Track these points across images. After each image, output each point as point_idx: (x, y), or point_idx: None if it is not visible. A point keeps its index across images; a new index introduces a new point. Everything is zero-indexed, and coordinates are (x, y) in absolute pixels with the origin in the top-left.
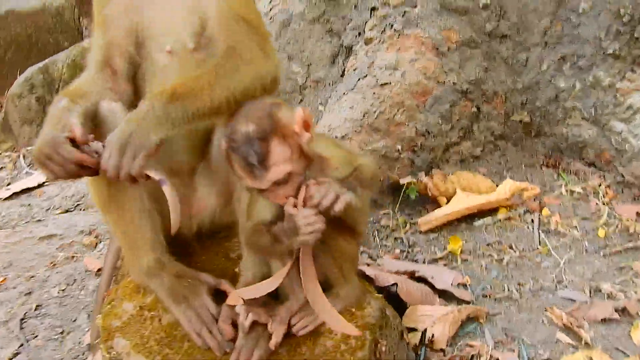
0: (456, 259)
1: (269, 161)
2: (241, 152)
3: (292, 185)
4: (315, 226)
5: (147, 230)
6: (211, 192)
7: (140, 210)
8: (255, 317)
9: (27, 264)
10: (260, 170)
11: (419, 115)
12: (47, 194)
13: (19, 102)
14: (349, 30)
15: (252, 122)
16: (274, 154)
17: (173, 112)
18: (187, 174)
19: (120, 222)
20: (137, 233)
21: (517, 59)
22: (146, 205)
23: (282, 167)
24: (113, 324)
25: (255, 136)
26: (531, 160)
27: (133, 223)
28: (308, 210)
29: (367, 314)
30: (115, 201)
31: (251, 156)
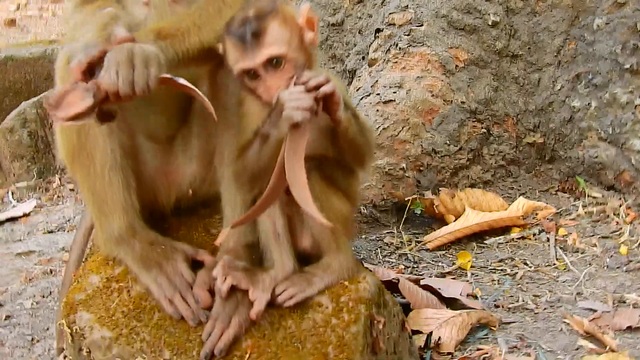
0: (465, 273)
1: (264, 38)
2: (237, 31)
3: (285, 74)
4: (303, 102)
5: (119, 189)
6: (191, 160)
7: (111, 166)
8: (235, 282)
9: (1, 280)
10: (253, 45)
11: (425, 134)
12: (31, 222)
13: (10, 136)
14: (353, 55)
15: (253, 7)
16: (271, 33)
17: (163, 48)
18: (165, 142)
19: (89, 178)
20: (107, 192)
21: (528, 79)
22: (118, 160)
23: (278, 46)
24: (76, 297)
25: (254, 16)
26: (545, 186)
27: (103, 179)
28: (295, 88)
29: (361, 288)
30: (85, 152)
31: (247, 32)
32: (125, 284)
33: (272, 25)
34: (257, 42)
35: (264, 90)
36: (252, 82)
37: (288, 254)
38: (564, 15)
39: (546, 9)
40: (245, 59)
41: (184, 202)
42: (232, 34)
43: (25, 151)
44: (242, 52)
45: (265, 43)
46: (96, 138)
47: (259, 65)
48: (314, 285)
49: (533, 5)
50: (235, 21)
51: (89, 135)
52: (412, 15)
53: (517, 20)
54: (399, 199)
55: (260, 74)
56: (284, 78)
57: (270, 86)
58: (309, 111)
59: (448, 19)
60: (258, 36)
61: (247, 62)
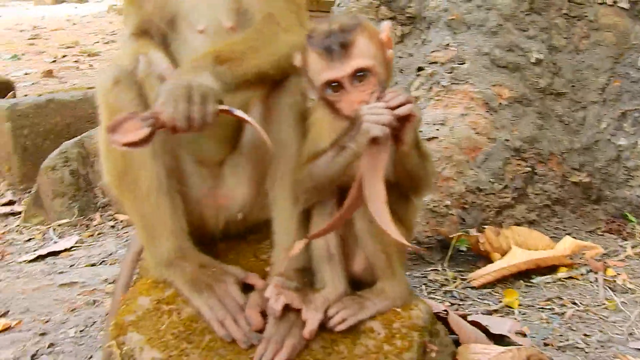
0: (513, 311)
1: (352, 49)
2: (323, 42)
3: (368, 87)
4: (382, 118)
5: (166, 212)
6: (240, 184)
7: (157, 189)
8: (288, 301)
9: (44, 310)
10: (341, 56)
11: (469, 171)
12: (73, 256)
13: (52, 174)
14: None
15: (337, 21)
16: (359, 45)
17: (221, 73)
18: (215, 165)
19: (136, 202)
20: (155, 215)
21: (573, 117)
22: (164, 183)
23: (365, 59)
24: (126, 319)
25: (340, 29)
26: (591, 227)
27: (149, 202)
28: (377, 103)
29: (414, 315)
30: (130, 176)
31: (334, 43)
32: (175, 306)
33: (359, 38)
34: (345, 53)
35: (345, 102)
36: (334, 95)
37: (340, 275)
38: (608, 52)
39: (590, 47)
40: (332, 69)
41: (234, 226)
42: (319, 44)
43: (66, 189)
44: (329, 62)
45: (353, 54)
46: (141, 161)
47: (346, 76)
48: (367, 310)
49: (576, 42)
50: (319, 33)
51: (134, 159)
52: (454, 53)
53: (561, 58)
54: (444, 236)
55: (344, 85)
56: (367, 92)
57: (353, 99)
58: (387, 127)
59: (490, 56)
60: (346, 48)
61: (333, 72)
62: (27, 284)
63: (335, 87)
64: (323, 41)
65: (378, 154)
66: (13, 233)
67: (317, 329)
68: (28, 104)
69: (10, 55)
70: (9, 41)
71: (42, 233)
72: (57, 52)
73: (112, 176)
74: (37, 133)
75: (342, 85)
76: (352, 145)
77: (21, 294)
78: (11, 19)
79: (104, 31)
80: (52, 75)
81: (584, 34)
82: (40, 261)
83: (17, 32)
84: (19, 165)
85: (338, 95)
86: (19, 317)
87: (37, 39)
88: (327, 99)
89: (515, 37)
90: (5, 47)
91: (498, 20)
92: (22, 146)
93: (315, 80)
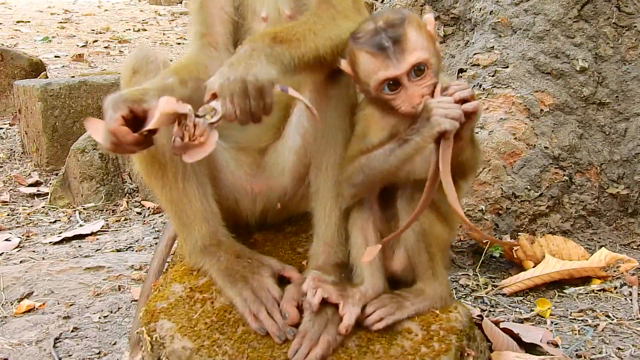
0: (545, 321)
1: (406, 44)
2: (373, 41)
3: (427, 81)
4: (452, 111)
5: (196, 197)
6: (282, 173)
7: (183, 174)
8: (325, 295)
9: (69, 293)
10: (396, 52)
11: (506, 177)
12: (99, 240)
13: (81, 157)
14: None
15: (382, 17)
16: (411, 39)
17: (279, 53)
18: (257, 152)
19: (165, 189)
20: (184, 201)
21: (615, 128)
22: (189, 168)
23: (420, 52)
24: (158, 305)
25: (387, 25)
26: (626, 240)
27: (177, 189)
28: (444, 97)
29: (452, 318)
30: (157, 163)
31: (385, 40)
32: (209, 295)
33: (410, 31)
34: (399, 49)
35: (405, 99)
36: (391, 93)
37: (379, 271)
38: None
39: (637, 58)
40: (388, 67)
41: (271, 216)
42: (369, 43)
43: (95, 172)
44: (383, 60)
45: (408, 49)
46: (164, 147)
47: (405, 72)
48: (405, 310)
49: (623, 53)
50: (365, 32)
51: (158, 145)
52: (497, 56)
53: (606, 68)
54: (477, 240)
55: (403, 82)
56: (427, 85)
57: (413, 94)
58: (457, 121)
59: (535, 62)
60: (399, 43)
61: (390, 70)
62: (53, 265)
63: (393, 85)
64: (373, 39)
65: (447, 149)
66: (39, 214)
67: (353, 325)
68: (60, 85)
69: (42, 38)
70: (40, 23)
71: (68, 216)
72: (88, 37)
73: (140, 164)
74: (67, 114)
75: (400, 83)
76: (418, 138)
77: (46, 275)
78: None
79: (135, 19)
80: (82, 60)
81: (632, 45)
82: (66, 244)
83: (49, 14)
84: (47, 146)
85: (396, 93)
86: (43, 299)
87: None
88: (382, 98)
89: (561, 44)
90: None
91: (545, 26)
92: (52, 127)
93: (370, 81)
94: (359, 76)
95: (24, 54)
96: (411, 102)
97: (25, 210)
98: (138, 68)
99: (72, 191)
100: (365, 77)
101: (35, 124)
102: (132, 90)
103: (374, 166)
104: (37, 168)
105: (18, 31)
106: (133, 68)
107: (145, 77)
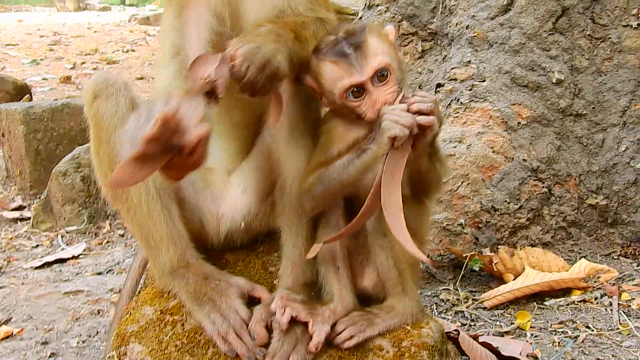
0: (525, 333)
1: (368, 50)
2: (335, 50)
3: (390, 87)
4: (402, 119)
5: (160, 220)
6: (246, 192)
7: (147, 196)
8: (294, 314)
9: (47, 318)
10: (358, 58)
11: (485, 190)
12: (80, 264)
13: (63, 180)
14: None
15: (343, 29)
16: (372, 44)
17: (293, 53)
18: (226, 173)
19: (130, 211)
20: (150, 223)
21: (592, 139)
22: (151, 190)
23: (382, 57)
24: (129, 328)
25: (348, 34)
26: (607, 250)
27: (142, 211)
28: (399, 105)
29: (424, 334)
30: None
31: (347, 47)
32: (179, 317)
33: (371, 38)
34: (361, 55)
35: (369, 105)
36: (356, 101)
37: (348, 288)
38: (631, 75)
39: (612, 69)
40: (352, 74)
41: (237, 236)
42: (330, 52)
43: (77, 195)
44: (347, 68)
45: (370, 54)
46: None
47: (368, 77)
48: (376, 326)
49: (599, 64)
50: (326, 44)
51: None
52: (474, 70)
53: (582, 79)
54: (457, 255)
55: (367, 88)
56: (390, 92)
57: (377, 100)
58: (407, 129)
59: (511, 75)
60: (360, 49)
61: (355, 77)
62: (32, 290)
63: (357, 92)
64: (334, 48)
65: (397, 160)
66: (21, 238)
67: (324, 343)
68: (43, 107)
69: (30, 60)
70: (29, 46)
71: (51, 239)
72: (76, 58)
73: (106, 187)
74: (50, 137)
75: (364, 89)
76: (374, 146)
77: (25, 300)
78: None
79: (124, 40)
80: (70, 82)
81: (607, 56)
82: (47, 268)
83: (38, 37)
84: (30, 170)
85: (361, 99)
86: (21, 325)
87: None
88: (346, 107)
89: (537, 57)
90: (24, 52)
91: (520, 39)
92: (34, 150)
93: (335, 90)
94: (324, 87)
95: (9, 78)
96: (375, 107)
97: (8, 235)
98: (99, 92)
99: (55, 214)
100: (329, 86)
101: (18, 147)
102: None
103: (333, 177)
104: (20, 192)
105: (6, 54)
106: (94, 92)
107: (107, 101)
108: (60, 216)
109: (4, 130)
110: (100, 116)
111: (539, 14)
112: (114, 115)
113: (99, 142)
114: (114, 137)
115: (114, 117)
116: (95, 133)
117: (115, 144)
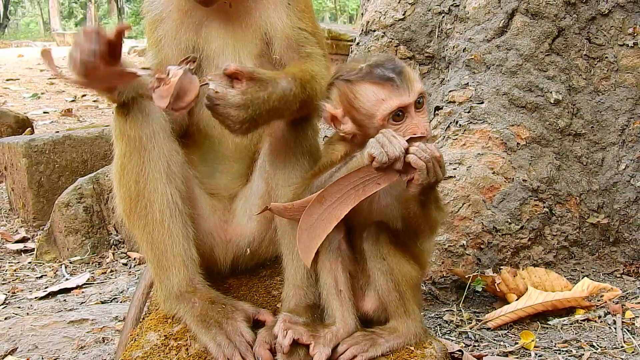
0: (529, 353)
1: (409, 75)
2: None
3: (426, 115)
4: (391, 147)
5: (178, 238)
6: (250, 218)
7: (171, 211)
8: (296, 336)
9: (53, 347)
10: (403, 82)
11: (486, 211)
12: (84, 293)
13: (66, 210)
14: None
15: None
16: (410, 71)
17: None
18: (228, 199)
19: (147, 229)
20: (167, 241)
21: (592, 158)
22: (179, 204)
23: (421, 84)
24: (134, 354)
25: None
26: (609, 269)
27: (162, 227)
28: (397, 134)
29: (427, 354)
30: (143, 201)
31: (389, 71)
32: (184, 342)
33: (406, 65)
34: (405, 79)
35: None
36: (396, 124)
37: (349, 311)
38: (628, 94)
39: (609, 88)
40: (400, 95)
41: (242, 261)
42: (371, 75)
43: (80, 226)
44: (394, 90)
45: (413, 79)
46: (155, 183)
47: (414, 100)
48: (379, 347)
49: (596, 84)
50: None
51: (148, 181)
52: (472, 92)
53: (580, 99)
54: (459, 276)
55: (409, 111)
56: (425, 118)
57: (418, 124)
58: (388, 158)
59: (509, 96)
60: (402, 74)
61: (404, 98)
62: (37, 320)
63: (398, 116)
64: (375, 72)
65: (372, 181)
66: (25, 270)
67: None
68: (44, 140)
69: (31, 94)
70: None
71: (54, 270)
72: (77, 91)
73: (124, 203)
74: (52, 169)
75: (405, 113)
76: (359, 155)
77: (30, 330)
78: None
79: None
80: (71, 114)
81: (604, 75)
82: (51, 298)
83: (38, 71)
84: (33, 202)
85: (399, 124)
86: (27, 355)
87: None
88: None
89: (534, 78)
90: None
91: (517, 61)
92: (37, 182)
93: (378, 112)
94: (360, 110)
95: (10, 112)
96: (414, 131)
97: (12, 266)
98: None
99: (58, 245)
100: (370, 108)
101: (20, 180)
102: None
103: (320, 185)
104: (24, 224)
105: (7, 89)
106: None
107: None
108: (64, 247)
109: (7, 163)
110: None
111: (535, 35)
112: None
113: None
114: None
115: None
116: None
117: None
